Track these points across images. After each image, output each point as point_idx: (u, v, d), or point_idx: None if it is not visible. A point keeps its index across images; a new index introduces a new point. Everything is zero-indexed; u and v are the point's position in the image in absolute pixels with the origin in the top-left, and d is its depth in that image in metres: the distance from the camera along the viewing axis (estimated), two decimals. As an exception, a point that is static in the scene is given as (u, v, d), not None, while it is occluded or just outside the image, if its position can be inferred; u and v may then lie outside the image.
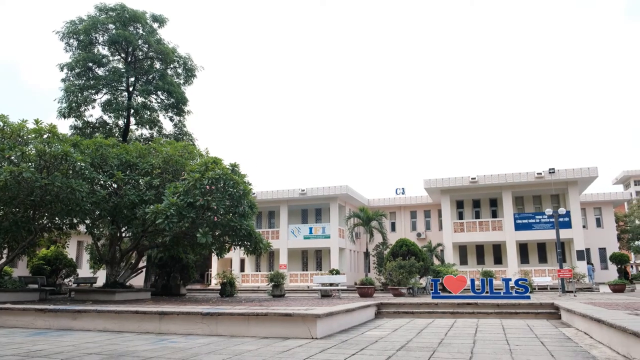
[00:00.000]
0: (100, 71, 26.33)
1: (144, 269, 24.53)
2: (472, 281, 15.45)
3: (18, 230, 16.91)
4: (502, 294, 14.77)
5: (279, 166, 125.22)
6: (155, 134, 27.65)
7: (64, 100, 25.17)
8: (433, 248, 35.22)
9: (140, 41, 26.22)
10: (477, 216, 38.63)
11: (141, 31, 26.51)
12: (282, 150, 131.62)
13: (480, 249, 38.05)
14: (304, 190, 37.38)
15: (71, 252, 31.26)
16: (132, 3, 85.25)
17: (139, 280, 27.21)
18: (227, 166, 17.99)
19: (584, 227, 35.90)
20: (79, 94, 25.32)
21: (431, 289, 16.91)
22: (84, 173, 16.57)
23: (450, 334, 8.84)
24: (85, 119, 26.45)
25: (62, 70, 25.59)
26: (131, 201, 17.63)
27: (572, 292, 21.99)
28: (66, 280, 26.48)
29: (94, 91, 25.88)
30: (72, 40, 25.82)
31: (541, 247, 36.68)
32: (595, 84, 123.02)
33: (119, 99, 26.40)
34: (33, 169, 15.22)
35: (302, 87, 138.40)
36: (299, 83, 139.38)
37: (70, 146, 16.39)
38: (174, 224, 16.13)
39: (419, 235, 40.73)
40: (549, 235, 32.54)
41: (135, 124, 26.99)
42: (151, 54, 26.75)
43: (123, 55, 26.67)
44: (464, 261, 37.36)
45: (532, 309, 12.54)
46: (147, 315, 9.56)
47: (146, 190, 18.29)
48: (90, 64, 25.68)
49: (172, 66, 27.64)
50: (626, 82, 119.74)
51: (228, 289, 22.69)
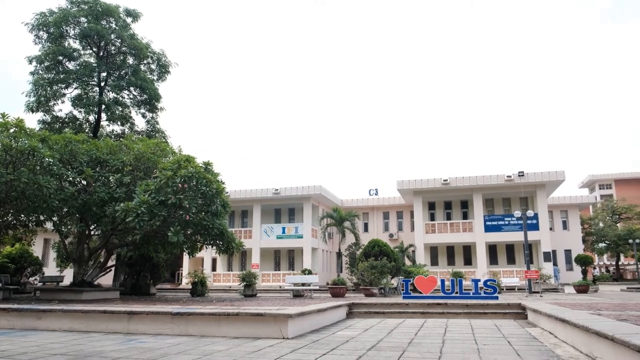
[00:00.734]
0: (71, 65, 25.70)
1: (113, 268, 24.09)
2: (443, 282, 15.68)
3: (-19, 227, 16.41)
4: (471, 295, 15.02)
5: (253, 165, 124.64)
6: (127, 130, 27.15)
7: (32, 94, 24.50)
8: (405, 249, 35.56)
9: (112, 35, 25.71)
10: (449, 217, 39.19)
11: (114, 25, 25.99)
12: (256, 150, 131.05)
13: (450, 249, 38.61)
14: (277, 189, 37.30)
15: (37, 250, 30.48)
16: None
17: (107, 280, 26.69)
18: (200, 164, 17.82)
19: (550, 229, 36.77)
20: (48, 88, 24.67)
21: (402, 289, 17.08)
22: (52, 169, 16.18)
23: (420, 333, 8.95)
24: (55, 113, 25.79)
25: (31, 63, 24.88)
26: (101, 198, 17.28)
27: (538, 292, 22.51)
28: (31, 279, 25.80)
29: (64, 85, 25.25)
30: (41, 33, 25.12)
31: (510, 248, 37.44)
32: (564, 90, 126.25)
33: (90, 94, 25.82)
34: (-2, 164, 14.79)
35: (277, 86, 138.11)
36: (274, 82, 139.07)
37: (38, 141, 15.99)
38: (144, 222, 15.89)
39: (391, 235, 41.08)
40: (517, 236, 33.22)
41: (107, 120, 26.45)
42: (124, 48, 26.25)
43: (95, 49, 26.09)
44: (434, 262, 37.84)
45: (500, 309, 12.79)
46: (115, 315, 9.40)
47: (116, 188, 17.95)
48: (61, 57, 25.06)
49: (145, 62, 27.18)
50: (593, 90, 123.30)
51: (199, 289, 22.47)
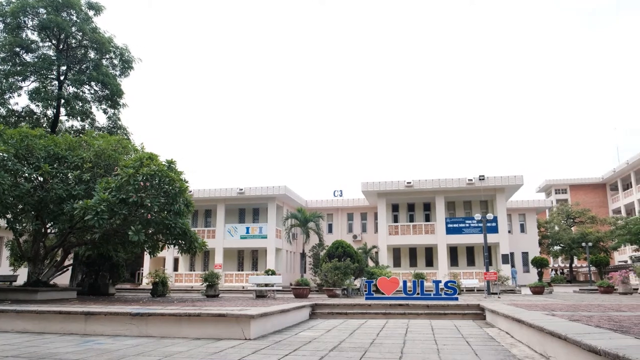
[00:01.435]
0: (29, 57, 24.79)
1: (70, 267, 23.37)
2: (405, 283, 15.87)
3: None
4: (432, 296, 15.27)
5: (218, 165, 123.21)
6: (87, 126, 26.39)
7: (-15, 86, 23.54)
8: (368, 250, 35.89)
9: (73, 28, 24.94)
10: (412, 219, 39.79)
11: (75, 18, 25.22)
12: (222, 150, 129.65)
13: (413, 251, 39.19)
14: (242, 189, 37.02)
15: (-11, 248, 29.27)
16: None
17: (64, 279, 25.89)
18: (164, 162, 17.48)
19: (509, 232, 37.81)
20: (4, 80, 23.74)
21: (365, 290, 17.21)
22: (6, 164, 15.59)
23: (382, 334, 9.05)
24: (10, 107, 24.82)
25: (-15, 54, 23.91)
26: (58, 196, 16.73)
27: (496, 294, 23.09)
28: (-18, 279, 24.78)
29: (20, 78, 24.33)
30: (-3, 22, 24.18)
31: (470, 250, 38.29)
32: (524, 96, 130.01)
33: (49, 87, 24.95)
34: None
35: (244, 85, 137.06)
36: (241, 81, 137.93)
37: (-9, 135, 15.37)
38: (104, 220, 15.48)
39: (355, 237, 41.37)
40: (477, 239, 33.99)
41: (66, 115, 25.63)
42: (85, 42, 25.50)
43: (54, 42, 25.25)
44: (397, 263, 38.33)
45: (460, 310, 13.06)
46: (72, 316, 9.13)
47: (75, 185, 17.42)
48: (18, 48, 24.14)
49: (107, 56, 26.47)
50: (552, 97, 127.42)
51: (160, 289, 22.04)
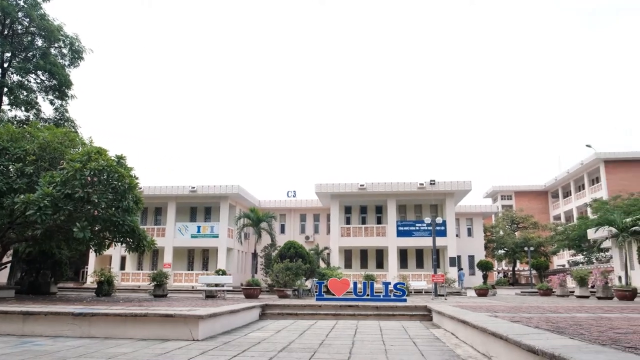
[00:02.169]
0: (-32, 42, 23.56)
1: (9, 265, 22.29)
2: (355, 284, 16.06)
3: None
4: (381, 297, 15.52)
5: (170, 163, 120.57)
6: (32, 117, 25.27)
7: None
8: (320, 251, 36.05)
9: (20, 14, 23.85)
10: (364, 222, 40.27)
11: (22, 3, 24.12)
12: (174, 147, 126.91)
13: (364, 253, 39.67)
14: (194, 187, 36.38)
15: None
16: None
17: (2, 277, 24.65)
18: (113, 158, 16.96)
19: (457, 235, 38.89)
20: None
21: (316, 291, 17.30)
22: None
23: (332, 335, 9.13)
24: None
25: None
26: (-2, 189, 15.95)
27: (443, 295, 23.71)
28: None
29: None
30: None
31: (419, 253, 39.13)
32: (474, 103, 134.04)
33: (-10, 75, 23.80)
34: None
35: (199, 83, 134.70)
36: (196, 78, 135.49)
37: None
38: (47, 216, 14.86)
39: (307, 238, 41.47)
40: (426, 242, 34.76)
41: (9, 104, 24.46)
42: (33, 29, 24.44)
43: (-1, 27, 24.09)
44: (348, 265, 38.69)
45: (408, 311, 13.33)
46: (8, 315, 8.73)
47: (17, 178, 16.62)
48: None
49: (56, 45, 25.45)
50: (501, 104, 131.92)
51: (105, 288, 21.36)
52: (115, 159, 16.97)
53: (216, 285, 22.12)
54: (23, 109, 24.89)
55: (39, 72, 24.57)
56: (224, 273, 26.24)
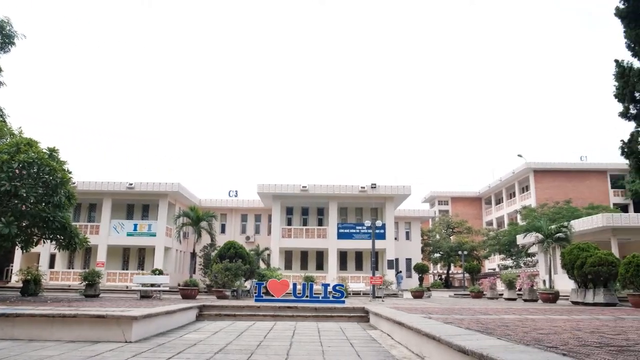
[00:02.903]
0: None
1: None
2: (295, 285, 16.12)
3: None
4: (320, 299, 15.64)
5: (107, 157, 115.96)
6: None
7: None
8: (261, 252, 35.83)
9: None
10: (305, 223, 40.42)
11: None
12: (112, 143, 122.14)
13: (305, 254, 39.81)
14: (132, 184, 35.18)
15: None
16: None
17: None
18: (45, 150, 16.14)
19: (395, 239, 39.78)
20: None
21: (255, 292, 17.19)
22: None
23: (270, 336, 9.10)
24: None
25: None
26: None
27: (381, 297, 24.19)
28: None
29: None
30: None
31: (359, 255, 39.72)
32: (414, 112, 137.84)
33: None
34: None
35: (141, 78, 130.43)
36: (139, 73, 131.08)
37: None
38: (-32, 210, 13.94)
39: (248, 238, 41.12)
40: (366, 244, 35.32)
41: None
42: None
43: None
44: (288, 266, 38.68)
45: (346, 313, 13.49)
46: None
47: None
48: None
49: (-18, 28, 23.86)
50: (438, 113, 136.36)
51: (32, 287, 20.22)
52: (47, 151, 16.17)
53: (152, 285, 21.48)
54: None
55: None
56: (160, 273, 25.54)
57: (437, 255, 52.02)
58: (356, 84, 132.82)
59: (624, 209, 48.93)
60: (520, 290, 24.78)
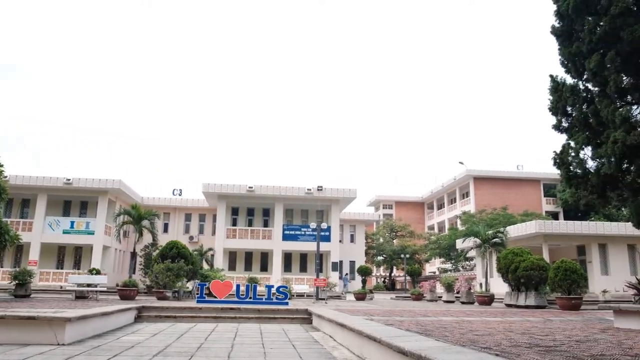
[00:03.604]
0: None
1: None
2: (238, 287, 15.97)
3: None
4: (264, 300, 15.55)
5: (44, 151, 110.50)
6: None
7: None
8: (204, 252, 35.25)
9: None
10: (250, 224, 40.10)
11: None
12: (49, 137, 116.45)
13: (249, 255, 39.48)
14: (69, 180, 33.68)
15: None
16: None
17: None
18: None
19: (340, 241, 40.19)
20: None
21: (197, 293, 16.90)
22: None
23: (211, 338, 8.97)
24: None
25: None
26: None
27: (324, 299, 24.36)
28: None
29: None
30: None
31: (303, 257, 39.82)
32: (361, 115, 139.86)
33: None
34: None
35: (84, 73, 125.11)
36: (84, 65, 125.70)
37: None
38: None
39: (191, 238, 40.32)
40: (311, 246, 35.46)
41: None
42: None
43: None
44: (232, 267, 38.25)
45: (289, 315, 13.50)
46: None
47: None
48: None
49: None
50: (385, 117, 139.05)
51: (-46, 287, 18.98)
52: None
53: (88, 285, 20.66)
54: None
55: None
56: (98, 272, 24.57)
57: (380, 258, 52.92)
58: (304, 87, 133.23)
59: (555, 216, 51.60)
60: (458, 293, 25.63)
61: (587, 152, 12.45)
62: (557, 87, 12.74)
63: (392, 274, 55.96)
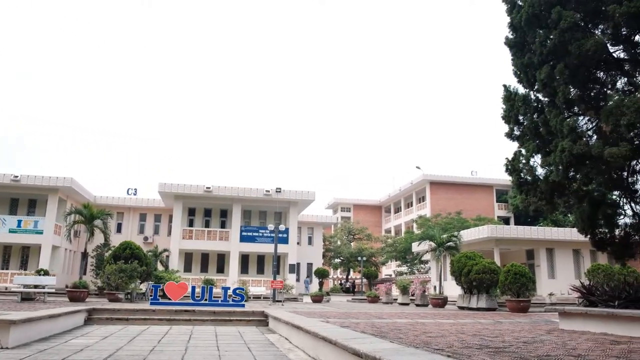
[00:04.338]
0: None
1: None
2: (193, 289, 15.69)
3: None
4: (220, 302, 15.37)
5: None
6: None
7: None
8: (159, 253, 34.50)
9: None
10: (207, 225, 39.52)
11: None
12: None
13: (205, 257, 38.90)
14: (17, 176, 32.27)
15: None
16: None
17: None
18: None
19: (298, 243, 40.15)
20: None
21: (151, 295, 16.53)
22: None
23: (164, 341, 8.81)
24: None
25: None
26: None
27: (281, 301, 24.29)
28: None
29: None
30: None
31: (261, 259, 39.56)
32: (320, 117, 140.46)
33: None
34: None
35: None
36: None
37: None
38: None
39: (146, 239, 39.38)
40: (268, 248, 35.28)
41: None
42: None
43: None
44: (188, 268, 37.60)
45: (245, 317, 13.40)
46: None
47: None
48: None
49: None
50: (345, 121, 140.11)
51: None
52: None
53: (36, 286, 19.84)
54: None
55: None
56: (46, 273, 23.65)
57: (337, 260, 53.22)
58: (266, 89, 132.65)
59: (506, 221, 53.37)
60: (413, 295, 26.09)
61: (537, 159, 12.92)
62: (509, 97, 13.18)
63: (349, 277, 56.38)
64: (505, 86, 13.43)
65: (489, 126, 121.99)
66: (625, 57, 11.42)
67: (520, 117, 13.05)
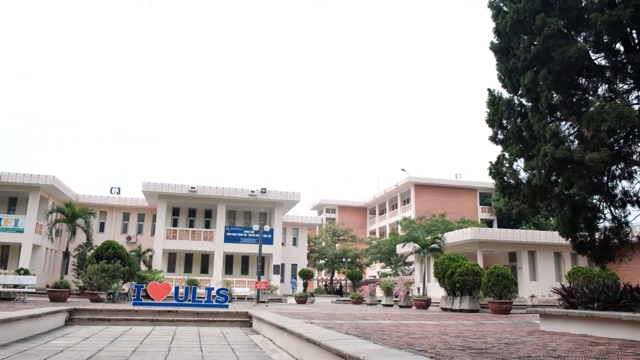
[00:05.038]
0: None
1: None
2: (177, 289, 15.59)
3: None
4: (203, 303, 15.29)
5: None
6: None
7: None
8: (142, 253, 34.16)
9: None
10: (192, 225, 39.27)
11: None
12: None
13: (189, 257, 38.64)
14: (-3, 174, 31.74)
15: None
16: None
17: None
18: None
19: (282, 244, 40.10)
20: None
21: (134, 296, 16.38)
22: None
23: (147, 341, 8.74)
24: None
25: None
26: None
27: (265, 302, 24.24)
28: None
29: None
30: None
31: (245, 259, 39.42)
32: (306, 118, 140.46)
33: None
34: None
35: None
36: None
37: None
38: None
39: (129, 238, 39.00)
40: (253, 249, 35.16)
41: None
42: None
43: None
44: (172, 268, 37.32)
45: (229, 317, 13.35)
46: None
47: None
48: None
49: None
50: (331, 122, 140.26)
51: None
52: None
53: (15, 286, 19.54)
54: None
55: None
56: (26, 273, 23.28)
57: (322, 261, 53.25)
58: (251, 89, 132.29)
59: (489, 224, 53.86)
60: (397, 297, 26.21)
61: (520, 163, 13.08)
62: (494, 101, 13.33)
63: (334, 278, 56.42)
64: (489, 90, 13.58)
65: (473, 130, 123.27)
66: (607, 65, 11.63)
67: (504, 121, 13.21)
